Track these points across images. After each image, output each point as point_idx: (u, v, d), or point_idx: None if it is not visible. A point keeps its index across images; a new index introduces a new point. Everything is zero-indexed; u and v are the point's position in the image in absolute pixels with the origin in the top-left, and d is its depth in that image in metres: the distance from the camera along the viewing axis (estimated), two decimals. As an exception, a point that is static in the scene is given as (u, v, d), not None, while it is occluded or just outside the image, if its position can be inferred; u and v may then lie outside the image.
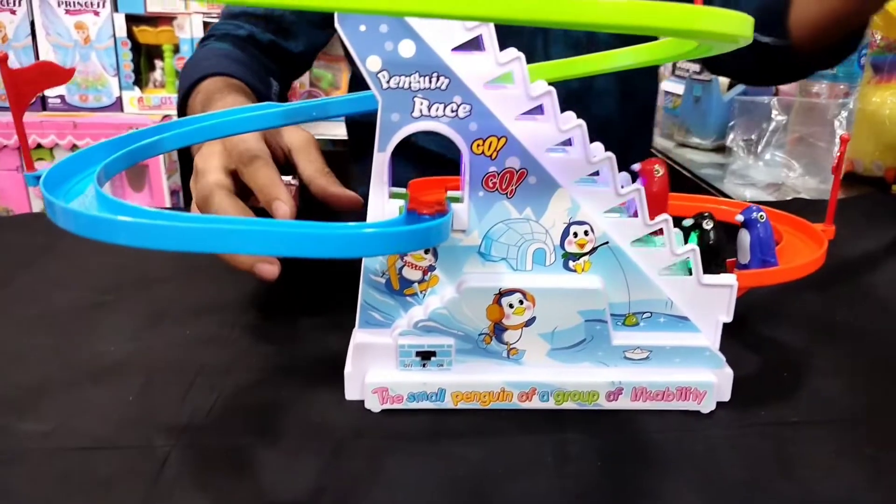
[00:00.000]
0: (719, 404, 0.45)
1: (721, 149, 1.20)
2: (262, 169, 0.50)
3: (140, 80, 1.94)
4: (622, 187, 0.42)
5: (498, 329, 0.43)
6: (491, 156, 0.41)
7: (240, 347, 0.50)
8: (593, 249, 0.43)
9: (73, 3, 1.86)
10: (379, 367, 0.43)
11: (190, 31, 1.90)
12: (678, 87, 1.40)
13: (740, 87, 1.19)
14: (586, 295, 0.43)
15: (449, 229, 0.38)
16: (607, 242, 0.43)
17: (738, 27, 0.35)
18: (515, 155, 0.41)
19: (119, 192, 1.78)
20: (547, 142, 0.41)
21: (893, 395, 0.47)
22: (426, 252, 0.43)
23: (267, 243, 0.32)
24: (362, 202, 0.53)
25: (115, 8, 1.87)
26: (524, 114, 0.41)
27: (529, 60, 0.43)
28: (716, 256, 0.45)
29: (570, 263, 0.43)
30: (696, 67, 1.46)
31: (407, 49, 0.39)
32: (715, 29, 0.35)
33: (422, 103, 0.40)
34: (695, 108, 1.20)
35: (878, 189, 0.98)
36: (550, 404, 0.44)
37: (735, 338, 0.53)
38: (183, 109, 0.75)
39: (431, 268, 0.43)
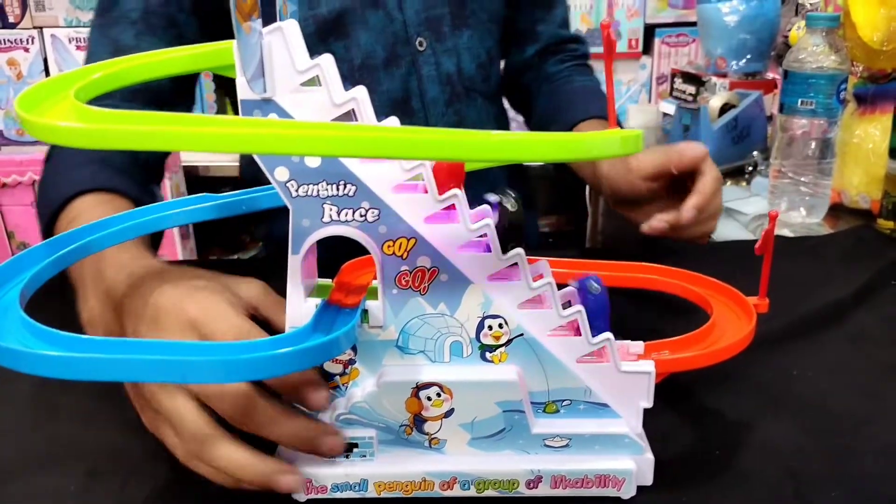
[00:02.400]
0: (642, 489, 0.45)
1: (711, 177, 1.19)
2: None
3: (151, 112, 1.99)
4: (531, 282, 0.43)
5: (418, 420, 0.44)
6: (402, 256, 0.42)
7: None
8: (509, 341, 0.44)
9: (84, 39, 1.91)
10: (304, 458, 0.45)
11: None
12: (674, 109, 1.39)
13: (730, 115, 1.18)
14: (502, 387, 0.44)
15: (351, 339, 0.39)
16: (522, 334, 0.43)
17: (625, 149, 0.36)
18: (426, 254, 0.42)
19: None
20: (456, 241, 0.42)
21: (825, 474, 0.47)
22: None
23: (157, 371, 0.34)
24: None
25: (125, 42, 1.91)
26: (433, 215, 0.42)
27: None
28: (516, 234, 0.44)
29: (487, 355, 0.44)
30: (692, 89, 1.46)
31: (313, 160, 0.40)
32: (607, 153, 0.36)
33: (331, 209, 0.41)
34: (684, 137, 1.19)
35: (865, 221, 0.96)
36: (471, 493, 0.45)
37: (676, 409, 0.53)
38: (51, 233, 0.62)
39: (352, 361, 0.44)
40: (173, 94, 0.77)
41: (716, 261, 0.79)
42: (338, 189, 0.41)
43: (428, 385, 0.43)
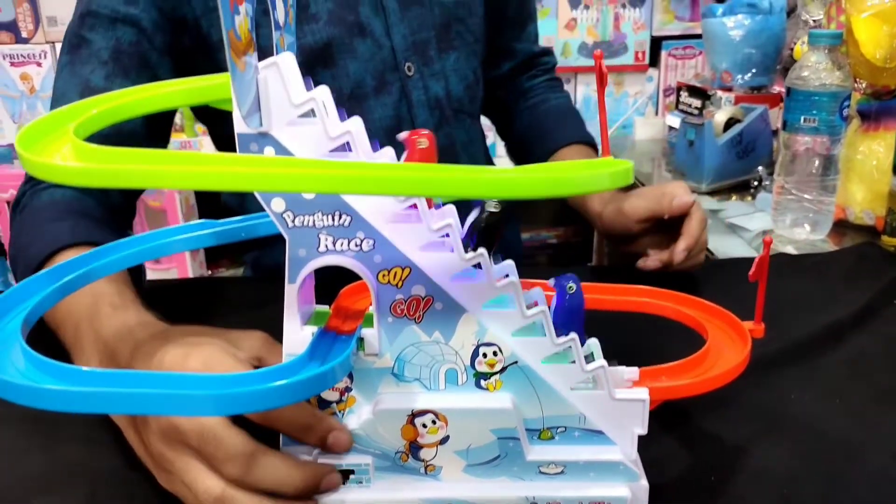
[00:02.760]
0: (636, 516, 0.45)
1: (716, 192, 1.19)
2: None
3: (161, 125, 2.00)
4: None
5: (413, 447, 0.45)
6: (397, 284, 0.43)
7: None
8: (503, 369, 0.44)
9: (96, 53, 1.93)
10: (301, 484, 0.45)
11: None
12: (679, 123, 1.39)
13: (735, 130, 1.18)
14: (496, 414, 0.44)
15: (346, 368, 0.40)
16: (516, 362, 0.44)
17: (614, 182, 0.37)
18: (420, 283, 0.42)
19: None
20: (451, 270, 0.42)
21: (819, 500, 0.47)
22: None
23: (158, 404, 0.35)
24: None
25: (135, 57, 1.93)
26: (427, 245, 0.42)
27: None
28: (489, 237, 0.44)
29: (482, 382, 0.44)
30: (698, 103, 1.46)
31: (308, 191, 0.41)
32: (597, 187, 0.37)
33: (327, 239, 0.42)
34: (689, 152, 1.19)
35: (870, 237, 0.96)
36: (467, 519, 0.45)
37: (672, 433, 0.54)
38: None
39: (348, 389, 0.45)
40: (146, 137, 0.74)
41: (718, 279, 0.79)
42: (333, 219, 0.41)
43: (423, 412, 0.44)
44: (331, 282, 0.50)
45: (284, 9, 0.44)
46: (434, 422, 0.44)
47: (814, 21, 1.04)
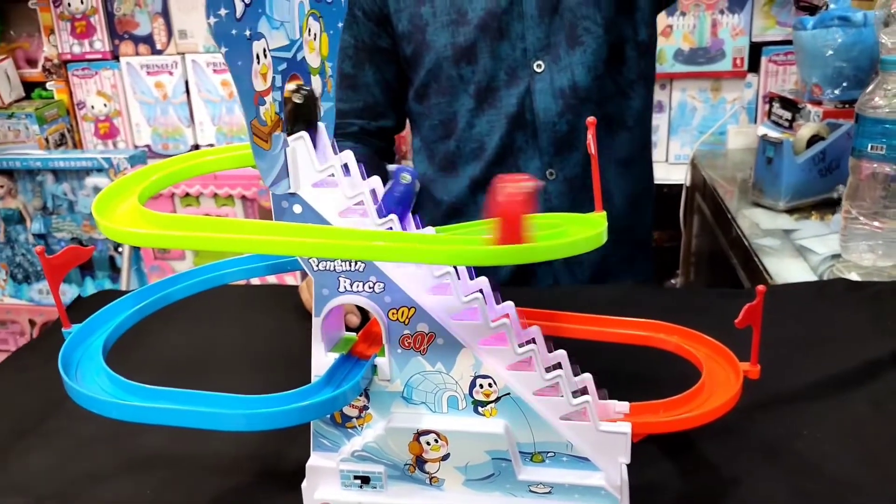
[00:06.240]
0: (617, 537, 0.50)
1: (794, 210, 1.18)
2: None
3: (275, 128, 2.16)
4: (518, 346, 0.49)
5: (420, 461, 0.51)
6: (404, 321, 0.49)
7: (246, 443, 0.62)
8: (498, 398, 0.50)
9: (220, 63, 2.10)
10: (326, 486, 0.53)
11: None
12: (772, 134, 1.37)
13: (817, 148, 1.16)
14: (490, 438, 0.50)
15: (345, 401, 0.47)
16: (509, 393, 0.50)
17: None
18: (424, 321, 0.49)
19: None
20: (451, 311, 0.49)
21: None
22: (360, 395, 0.52)
23: (196, 419, 0.43)
24: None
25: (253, 66, 2.09)
26: (431, 288, 0.49)
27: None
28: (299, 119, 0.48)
29: (480, 409, 0.50)
30: (789, 115, 1.43)
31: (329, 241, 0.48)
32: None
33: (345, 281, 0.49)
34: (767, 169, 1.18)
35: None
36: (465, 527, 0.51)
37: (673, 459, 0.57)
38: None
39: (366, 407, 0.52)
40: (385, 108, 1.06)
41: (772, 304, 0.80)
42: (350, 265, 0.49)
43: (427, 432, 0.51)
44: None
45: (322, 80, 0.52)
46: (436, 440, 0.51)
47: (892, 43, 1.01)
